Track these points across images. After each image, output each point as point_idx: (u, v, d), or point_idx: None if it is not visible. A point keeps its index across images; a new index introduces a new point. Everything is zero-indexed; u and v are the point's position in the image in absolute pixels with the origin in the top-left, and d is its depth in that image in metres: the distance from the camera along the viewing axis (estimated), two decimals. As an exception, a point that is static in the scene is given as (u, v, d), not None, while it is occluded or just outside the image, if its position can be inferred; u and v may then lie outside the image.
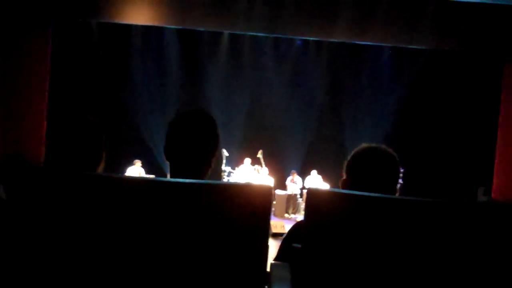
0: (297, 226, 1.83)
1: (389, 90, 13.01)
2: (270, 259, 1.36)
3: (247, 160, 11.88)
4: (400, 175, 1.75)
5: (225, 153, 11.36)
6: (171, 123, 1.68)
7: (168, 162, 1.68)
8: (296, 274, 1.27)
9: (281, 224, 8.76)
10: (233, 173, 11.71)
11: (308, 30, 9.22)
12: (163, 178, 1.30)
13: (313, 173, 12.22)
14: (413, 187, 9.59)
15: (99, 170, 1.71)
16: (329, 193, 1.28)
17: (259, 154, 11.70)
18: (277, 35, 11.65)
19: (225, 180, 11.03)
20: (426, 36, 8.55)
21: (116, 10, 8.58)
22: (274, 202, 11.18)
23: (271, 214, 1.31)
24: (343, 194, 1.29)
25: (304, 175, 12.39)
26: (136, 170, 11.43)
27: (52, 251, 1.18)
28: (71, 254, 1.18)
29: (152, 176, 10.55)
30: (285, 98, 13.30)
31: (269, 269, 1.32)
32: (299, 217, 11.23)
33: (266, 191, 1.24)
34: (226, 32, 12.14)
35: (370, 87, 13.14)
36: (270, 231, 1.31)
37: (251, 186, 1.25)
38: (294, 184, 12.26)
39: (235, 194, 1.24)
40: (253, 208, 1.22)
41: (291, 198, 12.08)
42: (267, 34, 11.31)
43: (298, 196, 12.21)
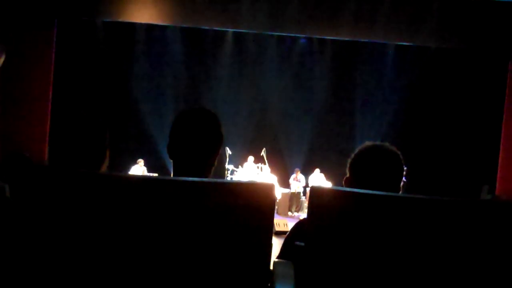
0: (300, 224, 1.82)
1: (392, 88, 12.98)
2: (273, 257, 1.36)
3: (251, 158, 11.88)
4: (403, 173, 1.75)
5: (228, 151, 11.36)
6: (175, 121, 1.68)
7: (171, 161, 1.68)
8: (299, 272, 1.27)
9: (284, 222, 8.76)
10: (236, 171, 11.71)
11: (312, 28, 9.22)
12: (167, 177, 1.30)
13: (316, 171, 12.22)
14: (417, 185, 9.56)
15: (104, 168, 1.71)
16: (332, 191, 1.28)
17: (263, 153, 11.71)
18: (280, 33, 11.64)
19: (228, 178, 11.04)
20: (430, 34, 8.53)
21: (120, 9, 8.61)
22: (277, 200, 11.18)
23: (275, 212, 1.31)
24: (347, 192, 1.29)
25: (307, 173, 12.39)
26: (139, 170, 11.47)
27: (56, 250, 1.18)
28: (76, 253, 1.19)
29: (155, 174, 10.57)
30: (288, 96, 13.30)
31: (272, 267, 1.32)
32: (302, 215, 11.23)
33: (270, 189, 1.24)
34: (230, 30, 12.15)
35: (373, 85, 13.12)
36: (273, 229, 1.31)
37: (255, 185, 1.26)
38: (297, 182, 12.25)
39: (239, 193, 1.24)
40: (256, 206, 1.22)
41: (294, 196, 12.07)
42: (271, 32, 11.31)
43: (301, 194, 12.20)
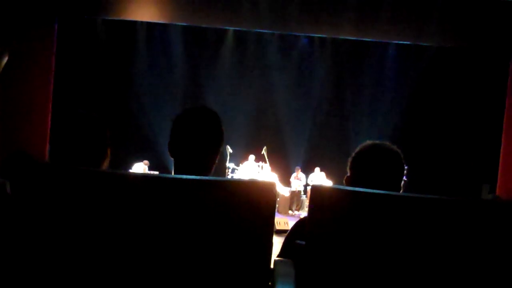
0: (300, 223, 1.82)
1: (394, 87, 12.98)
2: (274, 256, 1.36)
3: (252, 156, 11.88)
4: (404, 172, 1.75)
5: (229, 149, 11.36)
6: (176, 120, 1.68)
7: (172, 159, 1.68)
8: (299, 270, 1.27)
9: (284, 220, 8.75)
10: (237, 169, 11.71)
11: (313, 27, 9.20)
12: (167, 175, 1.30)
13: (316, 170, 12.22)
14: (417, 185, 9.55)
15: (104, 166, 1.71)
16: (333, 190, 1.28)
17: (264, 151, 11.70)
18: (282, 32, 11.63)
19: (229, 176, 11.04)
20: (432, 33, 8.51)
21: (121, 7, 8.60)
22: (278, 199, 11.18)
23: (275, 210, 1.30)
24: (347, 191, 1.29)
25: (307, 172, 12.39)
26: (140, 167, 11.49)
27: (57, 247, 1.18)
28: (76, 250, 1.19)
29: (156, 172, 10.58)
30: (289, 94, 13.29)
31: (272, 265, 1.32)
32: (303, 213, 11.23)
33: (270, 188, 1.24)
34: (231, 29, 12.14)
35: (375, 84, 13.11)
36: (274, 228, 1.31)
37: (255, 183, 1.26)
38: (298, 180, 12.25)
39: (239, 191, 1.24)
40: (257, 204, 1.22)
41: (295, 195, 12.07)
42: (272, 31, 11.29)
43: (302, 192, 12.21)
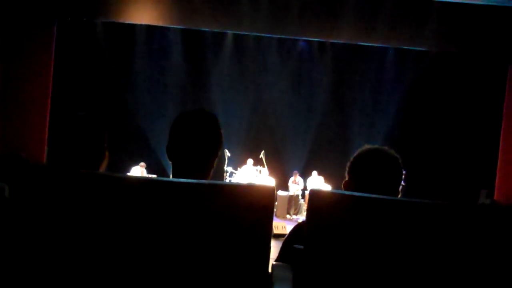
0: (298, 227, 1.82)
1: (392, 92, 12.99)
2: (272, 260, 1.35)
3: (250, 160, 11.87)
4: (402, 177, 1.74)
5: (227, 153, 11.35)
6: (174, 122, 1.68)
7: (170, 162, 1.67)
8: (297, 275, 1.27)
9: (282, 225, 8.73)
10: (235, 173, 11.70)
11: (312, 31, 9.20)
12: (165, 178, 1.30)
13: (314, 173, 12.21)
14: (415, 189, 9.55)
15: (102, 168, 1.71)
16: (331, 194, 1.28)
17: (262, 155, 11.70)
18: (281, 36, 11.64)
19: (227, 180, 11.03)
20: (430, 37, 8.53)
21: (120, 10, 8.59)
22: (276, 203, 11.16)
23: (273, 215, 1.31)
24: (345, 195, 1.29)
25: (306, 176, 12.38)
26: (138, 170, 11.48)
27: (55, 250, 1.18)
28: (74, 253, 1.18)
29: (154, 176, 10.56)
30: (288, 98, 13.30)
31: (270, 270, 1.32)
32: (301, 218, 11.22)
33: (269, 192, 1.24)
34: (230, 32, 12.15)
35: (373, 89, 13.12)
36: (272, 232, 1.31)
37: (254, 187, 1.25)
38: (296, 185, 12.24)
39: (238, 195, 1.23)
40: (255, 208, 1.22)
41: (293, 199, 12.06)
42: (271, 35, 11.30)
43: (300, 197, 12.19)
